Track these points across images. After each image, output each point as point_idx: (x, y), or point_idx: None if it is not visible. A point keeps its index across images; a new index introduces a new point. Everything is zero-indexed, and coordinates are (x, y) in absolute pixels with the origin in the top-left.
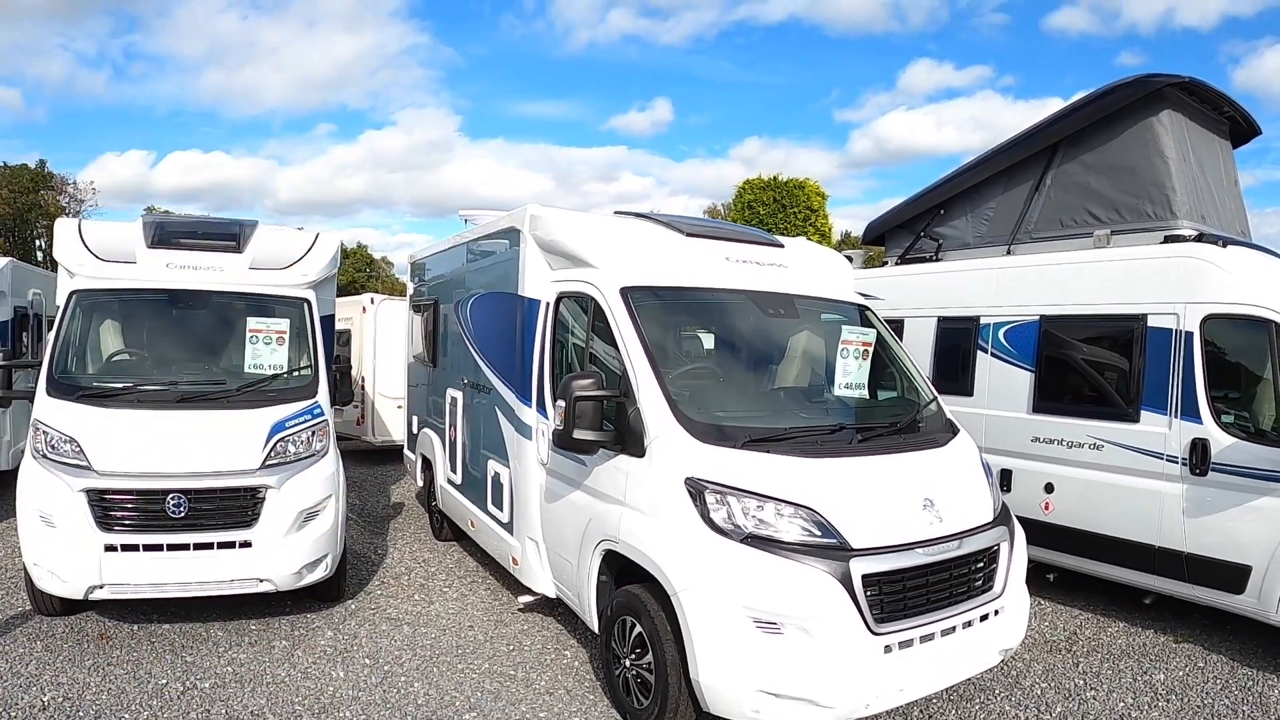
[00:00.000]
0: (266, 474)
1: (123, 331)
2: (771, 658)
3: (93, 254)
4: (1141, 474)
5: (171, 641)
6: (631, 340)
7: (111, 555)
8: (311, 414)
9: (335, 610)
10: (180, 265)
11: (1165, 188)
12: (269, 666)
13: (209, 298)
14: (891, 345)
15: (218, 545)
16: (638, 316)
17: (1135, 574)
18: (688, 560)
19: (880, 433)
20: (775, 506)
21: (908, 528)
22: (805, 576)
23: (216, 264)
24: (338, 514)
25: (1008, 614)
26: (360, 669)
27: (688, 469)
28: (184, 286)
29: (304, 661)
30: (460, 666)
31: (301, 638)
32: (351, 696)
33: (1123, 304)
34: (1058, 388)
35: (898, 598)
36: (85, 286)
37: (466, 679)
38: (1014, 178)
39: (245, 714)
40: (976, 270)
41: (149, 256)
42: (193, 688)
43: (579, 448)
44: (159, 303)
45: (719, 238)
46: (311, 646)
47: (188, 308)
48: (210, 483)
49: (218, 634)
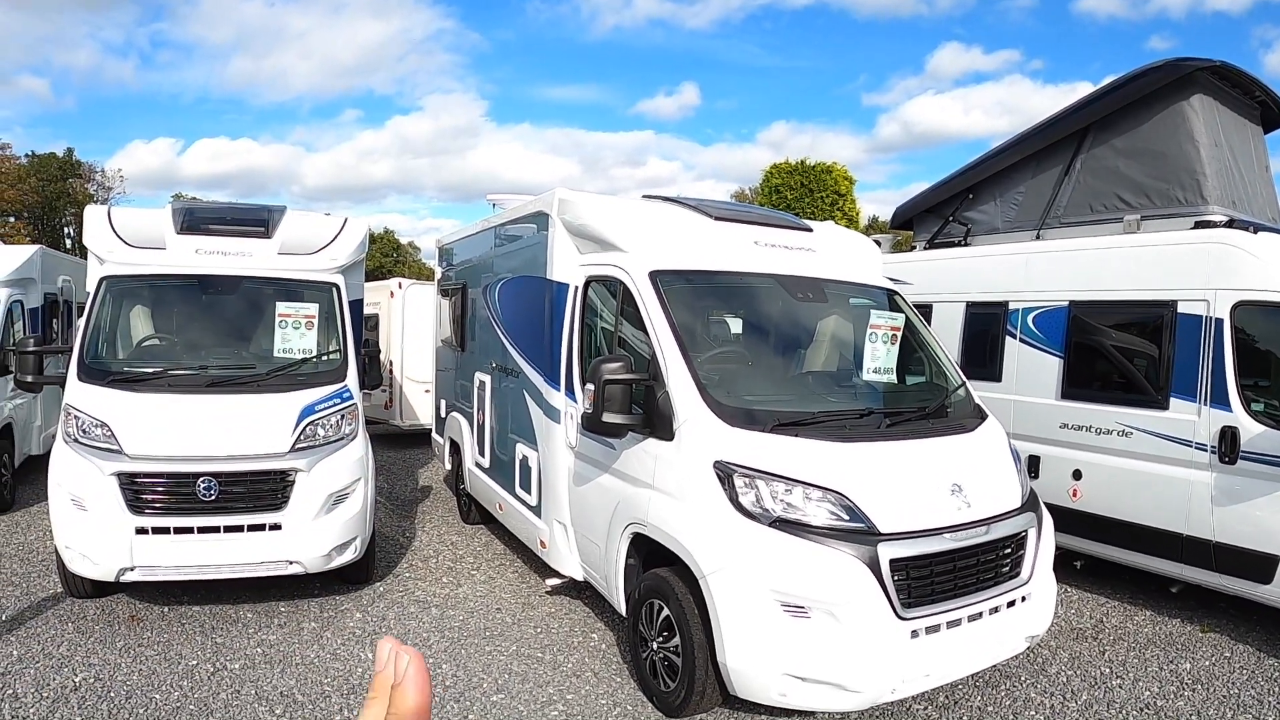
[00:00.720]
0: (296, 457)
1: (153, 317)
2: (798, 641)
3: (122, 240)
4: (1170, 461)
5: (201, 623)
6: (660, 324)
7: (143, 538)
8: (340, 398)
9: (364, 592)
10: (210, 251)
11: (1196, 173)
12: (298, 648)
13: (238, 283)
14: (920, 330)
15: (248, 528)
16: (667, 300)
17: (1162, 562)
18: (716, 544)
19: (908, 418)
20: (804, 490)
21: (936, 513)
22: (833, 560)
23: (245, 249)
24: (367, 497)
25: (1035, 601)
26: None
27: (717, 452)
28: (213, 272)
29: (333, 643)
30: (488, 648)
31: (330, 619)
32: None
33: (1152, 290)
34: (1086, 374)
35: (925, 583)
36: (115, 272)
37: (494, 661)
38: (1043, 162)
39: (275, 694)
40: (1005, 255)
41: (178, 242)
42: (223, 669)
43: (608, 431)
44: (189, 288)
45: (748, 221)
46: (340, 628)
47: (217, 293)
48: (240, 466)
49: (247, 615)
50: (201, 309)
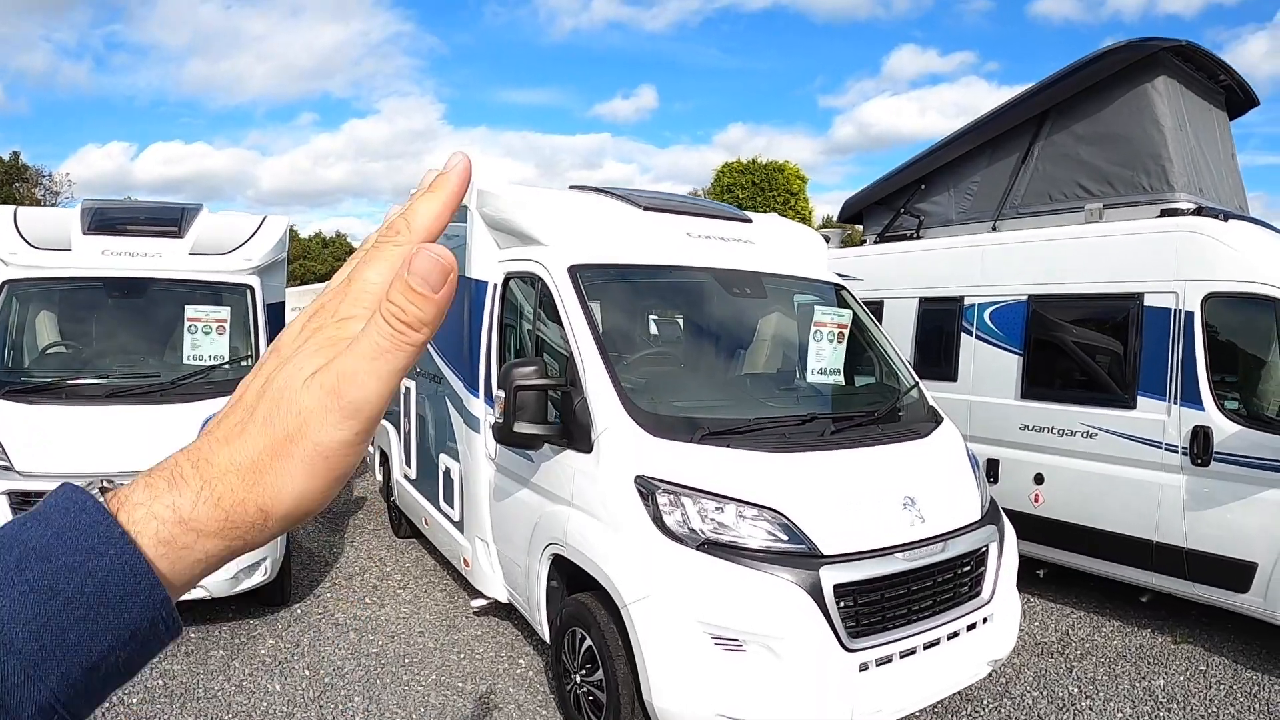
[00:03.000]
0: None
1: (57, 322)
2: (733, 678)
3: (26, 241)
4: (1138, 464)
5: None
6: (579, 323)
7: None
8: None
9: (280, 615)
10: (117, 251)
11: (1161, 158)
12: (203, 679)
13: (146, 285)
14: (870, 328)
15: None
16: (586, 297)
17: (1132, 571)
18: (638, 569)
19: (856, 423)
20: (736, 508)
21: (886, 530)
22: (769, 588)
23: (155, 249)
24: None
25: (997, 622)
26: (298, 681)
27: (638, 466)
28: (119, 274)
29: (240, 673)
30: (405, 677)
31: (241, 646)
32: (285, 713)
33: (1117, 282)
34: (1048, 372)
35: (875, 609)
36: (17, 275)
37: (411, 691)
38: (999, 150)
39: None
40: (960, 248)
41: (85, 243)
42: (120, 703)
43: (521, 442)
44: (94, 291)
45: (680, 212)
46: (250, 656)
47: (124, 296)
48: None
49: None
50: (107, 313)
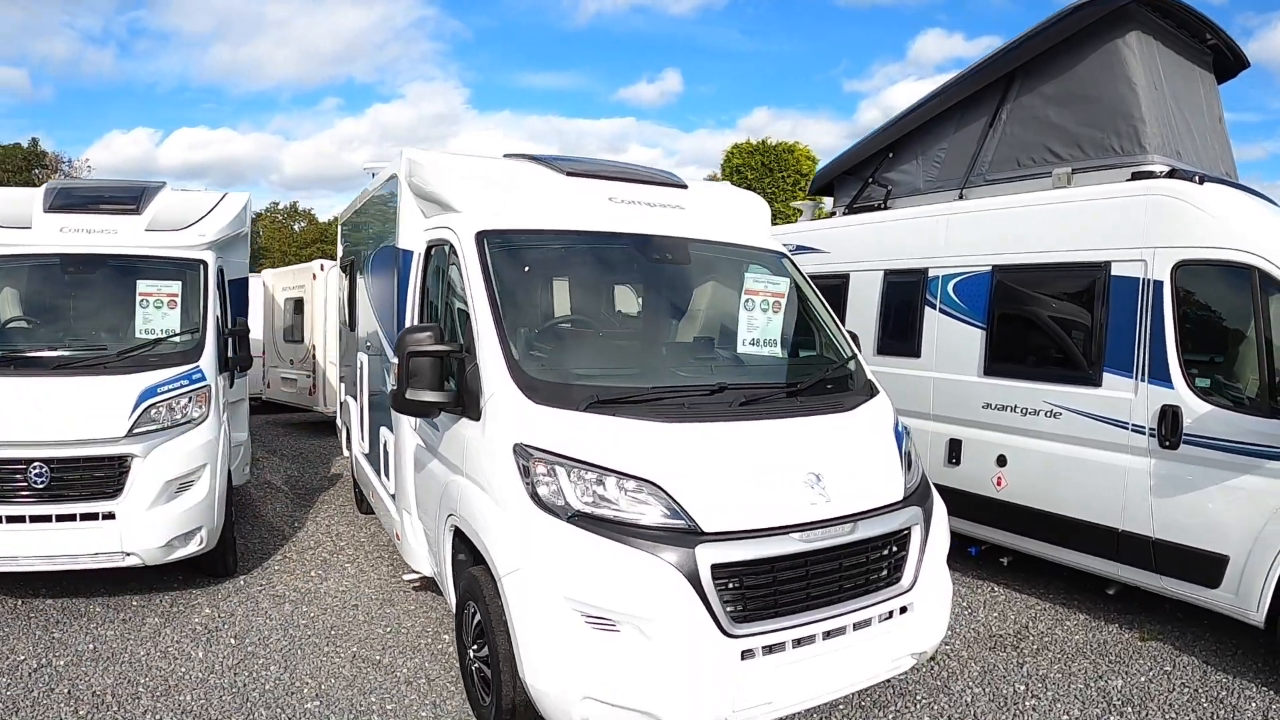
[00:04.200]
0: (132, 442)
1: (14, 298)
2: (604, 660)
3: None
4: (1103, 446)
5: (48, 617)
6: (477, 288)
7: None
8: (190, 379)
9: (223, 586)
10: (74, 229)
11: (1133, 118)
12: (132, 644)
13: (100, 261)
14: (810, 297)
15: (80, 517)
16: (489, 263)
17: (1096, 561)
18: (510, 541)
19: (772, 395)
20: (616, 480)
21: (783, 508)
22: (640, 566)
23: (111, 226)
24: (215, 484)
25: (920, 611)
26: (222, 650)
27: (517, 434)
28: (74, 250)
29: (168, 640)
30: (327, 649)
31: (177, 614)
32: (199, 679)
33: (1083, 250)
34: (1011, 347)
35: (765, 593)
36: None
37: (327, 664)
38: (966, 114)
39: (87, 694)
40: (924, 217)
41: (44, 221)
42: (48, 665)
43: (416, 410)
44: (51, 267)
45: (604, 177)
46: (183, 624)
47: (79, 272)
48: (72, 451)
49: (96, 609)
50: (64, 289)
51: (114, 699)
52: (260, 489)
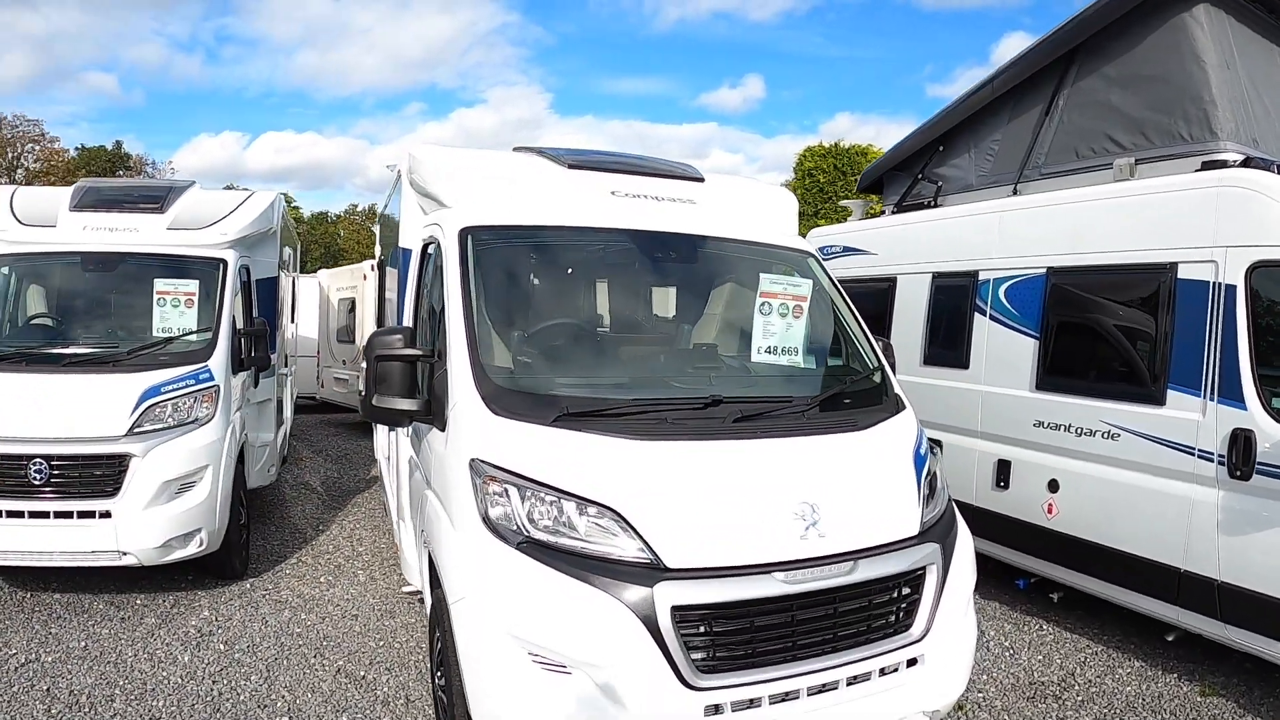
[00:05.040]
0: (131, 441)
1: (36, 294)
2: (554, 704)
3: (16, 218)
4: (1166, 473)
5: (52, 612)
6: (452, 287)
7: None
8: (196, 379)
9: (229, 588)
10: (97, 227)
11: (1202, 100)
12: (123, 644)
13: (119, 259)
14: (837, 302)
15: (78, 514)
16: (469, 261)
17: (1153, 603)
18: (459, 566)
19: (776, 411)
20: (574, 505)
21: (765, 543)
22: (589, 605)
23: (133, 225)
24: (218, 486)
25: (934, 664)
26: (209, 655)
27: (475, 448)
28: (95, 248)
29: (160, 641)
30: (313, 661)
31: (176, 615)
32: (177, 685)
33: (1145, 250)
34: (1066, 360)
35: (739, 640)
36: (2, 251)
37: (309, 676)
38: (1021, 101)
39: (65, 693)
40: (975, 215)
41: (69, 219)
42: (36, 660)
43: (382, 418)
44: (72, 265)
45: (608, 169)
46: (179, 626)
47: (99, 270)
48: (71, 449)
49: (99, 606)
50: (83, 286)
51: (88, 700)
52: (295, 489)
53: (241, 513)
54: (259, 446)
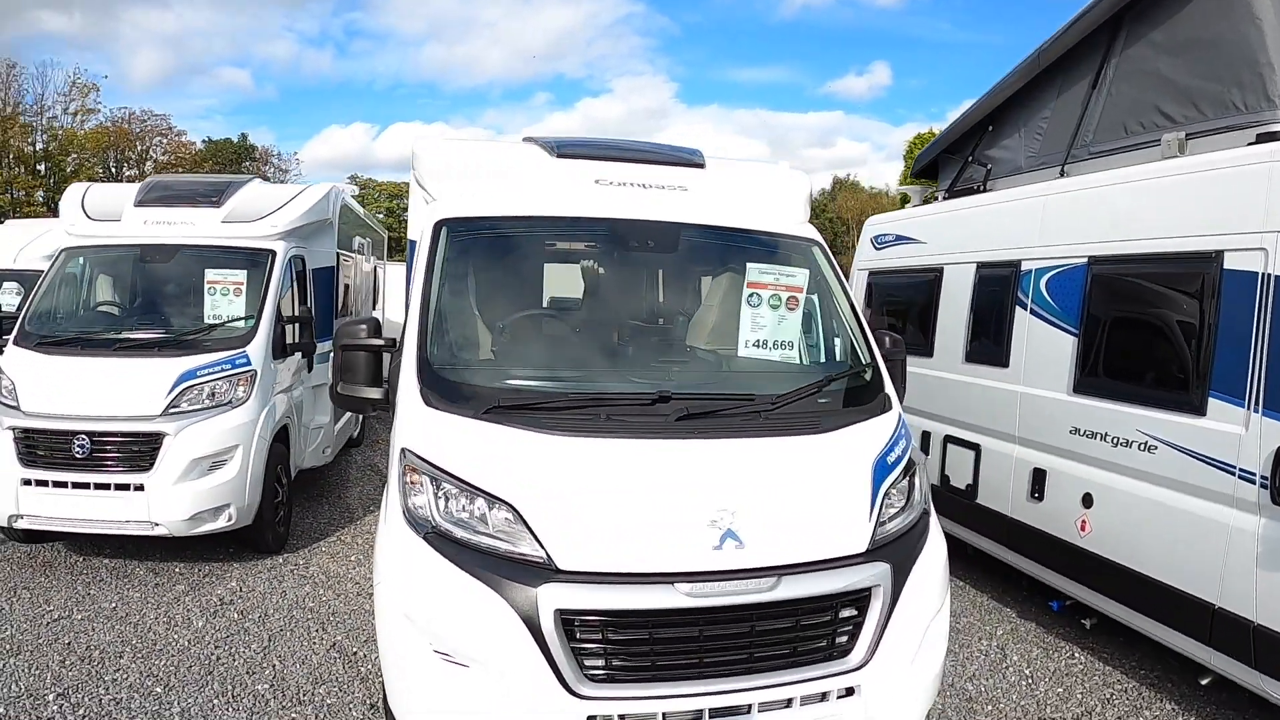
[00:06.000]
0: (165, 421)
1: (104, 284)
2: (457, 700)
3: (85, 214)
4: (1202, 493)
5: (96, 575)
6: (416, 278)
7: (27, 489)
8: (233, 364)
9: (262, 562)
10: (156, 221)
11: (1258, 65)
12: (148, 608)
13: (175, 251)
14: (836, 293)
15: (114, 486)
16: (437, 252)
17: (1183, 639)
18: (379, 552)
19: (732, 410)
20: (481, 499)
21: (669, 551)
22: (476, 601)
23: (189, 219)
24: (248, 464)
25: (873, 696)
26: (221, 623)
27: (405, 437)
28: (152, 241)
29: (182, 607)
30: (314, 634)
31: (204, 584)
32: (182, 648)
33: (1188, 237)
34: (1104, 360)
35: (638, 652)
36: (70, 244)
37: (303, 649)
38: (1070, 74)
39: (81, 648)
40: (1018, 201)
41: (133, 214)
42: (67, 616)
43: (348, 405)
44: (131, 257)
45: (594, 157)
46: (204, 594)
47: (156, 261)
48: (110, 426)
49: (139, 572)
50: (141, 277)
51: (99, 656)
52: (360, 471)
53: (279, 491)
54: (312, 429)
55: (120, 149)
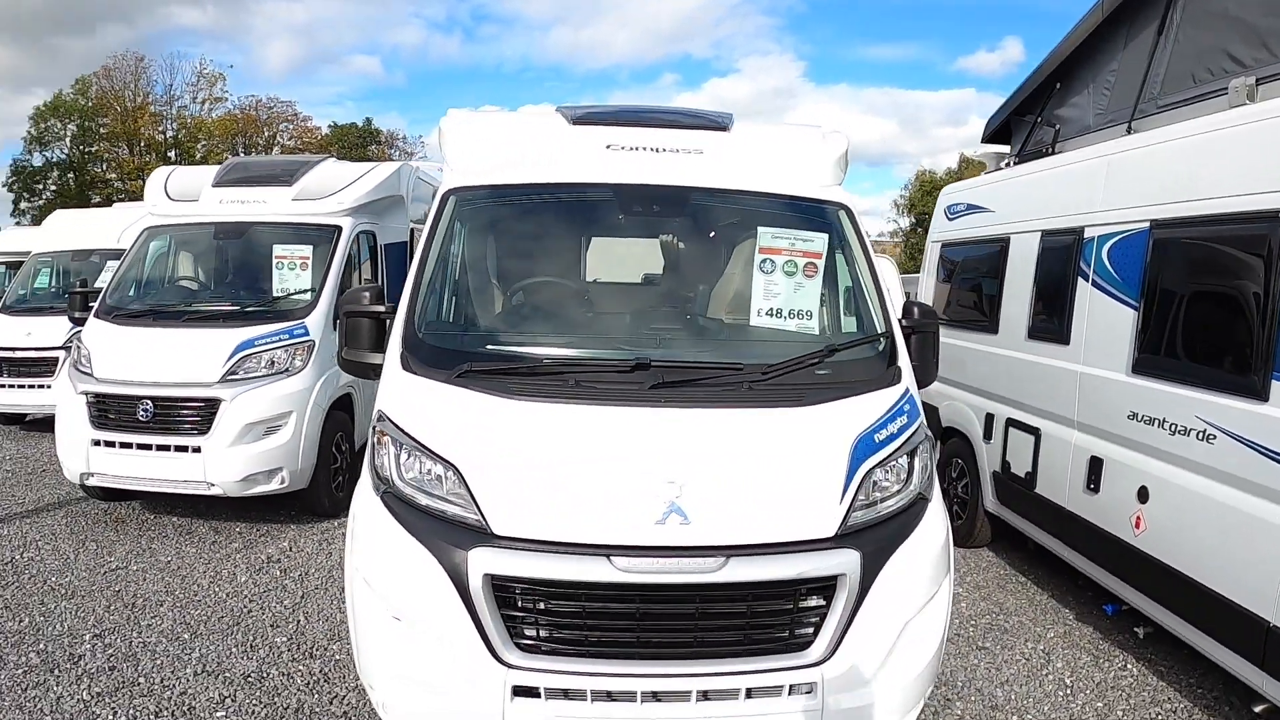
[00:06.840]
0: (222, 387)
1: (185, 260)
2: (403, 654)
3: (167, 195)
4: (1262, 492)
5: (161, 530)
6: (419, 246)
7: (97, 449)
8: (291, 334)
9: (319, 525)
10: (231, 200)
11: None
12: (199, 563)
13: (246, 228)
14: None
15: (174, 448)
16: (443, 221)
17: (1235, 659)
18: (351, 509)
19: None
20: (430, 461)
21: (608, 523)
22: (410, 561)
23: (261, 197)
24: (301, 429)
25: (834, 694)
26: (263, 579)
27: (383, 400)
28: (224, 219)
29: (230, 564)
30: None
31: (258, 543)
32: (219, 600)
33: (1250, 195)
34: (1164, 336)
35: (570, 625)
36: (151, 223)
37: (328, 610)
38: (1135, 22)
39: (128, 595)
40: (1082, 162)
41: (209, 195)
42: (124, 567)
43: (353, 370)
44: (204, 235)
45: (609, 123)
46: (256, 552)
47: (228, 238)
48: (171, 391)
49: (201, 530)
50: (216, 252)
51: (143, 603)
52: None
53: (337, 457)
54: None
55: (248, 135)
